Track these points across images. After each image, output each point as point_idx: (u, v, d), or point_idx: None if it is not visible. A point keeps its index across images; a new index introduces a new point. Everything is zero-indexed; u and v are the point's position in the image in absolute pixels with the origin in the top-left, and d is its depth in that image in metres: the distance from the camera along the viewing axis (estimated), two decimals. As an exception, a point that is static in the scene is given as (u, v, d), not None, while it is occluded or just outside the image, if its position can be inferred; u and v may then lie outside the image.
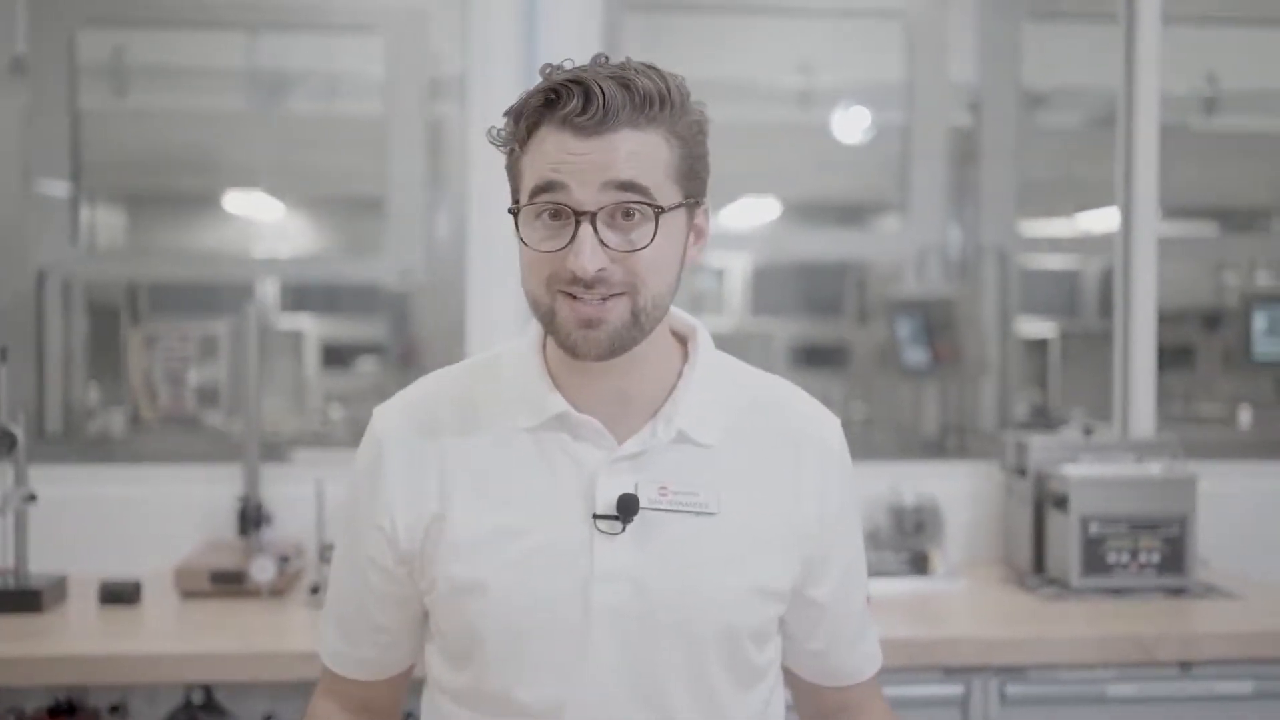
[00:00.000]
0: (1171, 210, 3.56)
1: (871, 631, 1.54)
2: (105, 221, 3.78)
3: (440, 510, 1.37)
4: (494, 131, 1.33)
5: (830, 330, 4.19)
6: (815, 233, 4.14)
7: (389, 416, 1.43)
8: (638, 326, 1.30)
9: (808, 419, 1.46)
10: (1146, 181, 3.08)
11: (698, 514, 1.35)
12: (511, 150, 1.32)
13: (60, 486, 2.74)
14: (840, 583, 1.45)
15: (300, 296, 4.09)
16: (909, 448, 3.77)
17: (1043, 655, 2.42)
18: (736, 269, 4.27)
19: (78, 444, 3.44)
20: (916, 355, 3.66)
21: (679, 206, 1.30)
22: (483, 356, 1.49)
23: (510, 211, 1.32)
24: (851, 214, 4.27)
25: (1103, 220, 3.23)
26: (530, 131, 1.29)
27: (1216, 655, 2.41)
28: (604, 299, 1.27)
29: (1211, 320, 3.93)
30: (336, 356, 4.13)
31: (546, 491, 1.36)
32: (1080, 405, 3.19)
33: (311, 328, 4.08)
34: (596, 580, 1.33)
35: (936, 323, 3.66)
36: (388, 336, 3.80)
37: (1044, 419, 3.93)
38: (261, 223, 3.84)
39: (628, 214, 1.27)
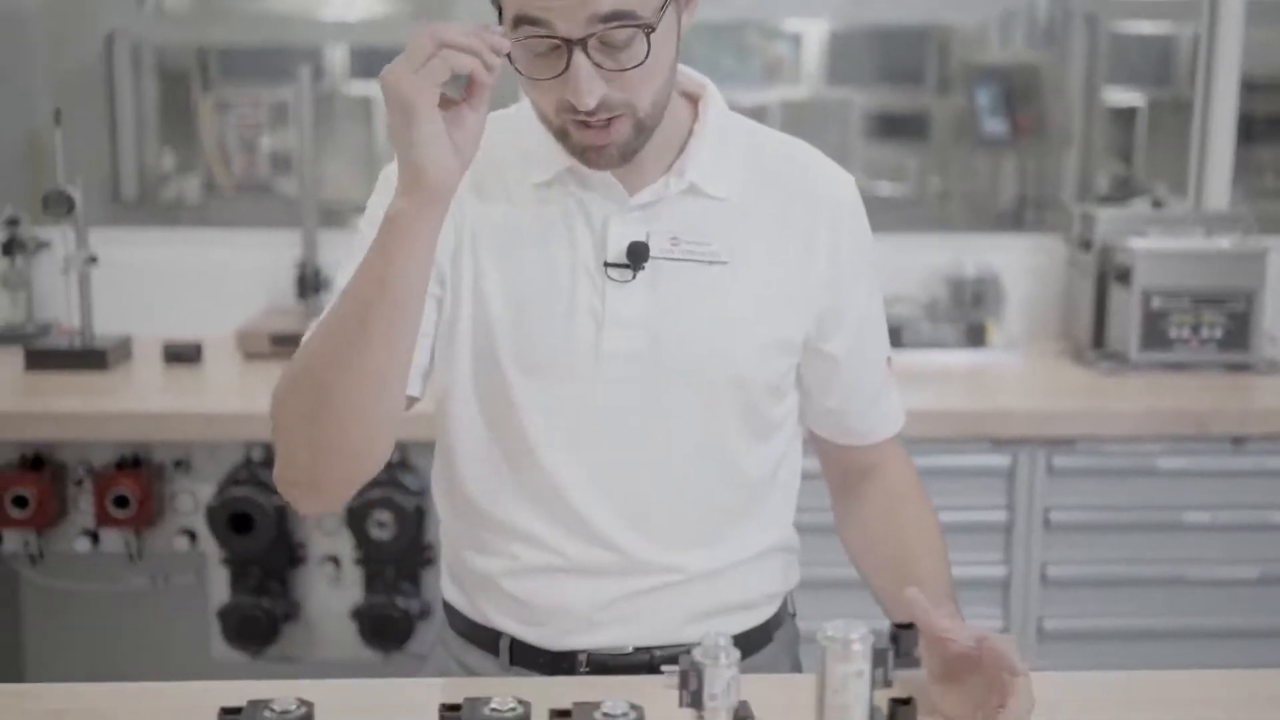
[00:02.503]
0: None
1: (893, 392, 1.53)
2: (172, -17, 3.75)
3: (454, 251, 1.37)
4: None
5: (909, 99, 4.05)
6: (896, -5, 3.98)
7: None
8: (644, 133, 1.29)
9: (822, 176, 1.44)
10: (1237, -65, 2.91)
11: (710, 264, 1.36)
12: None
13: (126, 249, 2.80)
14: (855, 338, 1.44)
15: (370, 62, 4.04)
16: (983, 221, 3.69)
17: (1093, 427, 2.41)
18: (813, 34, 4.13)
19: (153, 209, 3.48)
20: (996, 125, 3.55)
21: (663, 9, 1.24)
22: (507, 110, 1.46)
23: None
24: (935, -25, 4.08)
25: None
26: None
27: (1271, 430, 2.38)
28: (607, 121, 1.25)
29: (1311, 89, 3.74)
30: (407, 124, 4.09)
31: (558, 241, 1.36)
32: (1165, 178, 3.08)
33: (381, 94, 4.05)
34: (608, 327, 1.34)
35: (1018, 91, 3.53)
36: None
37: (1126, 192, 3.81)
38: (330, -14, 3.78)
39: (618, 31, 1.22)
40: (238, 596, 2.43)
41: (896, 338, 2.72)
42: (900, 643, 0.99)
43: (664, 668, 1.09)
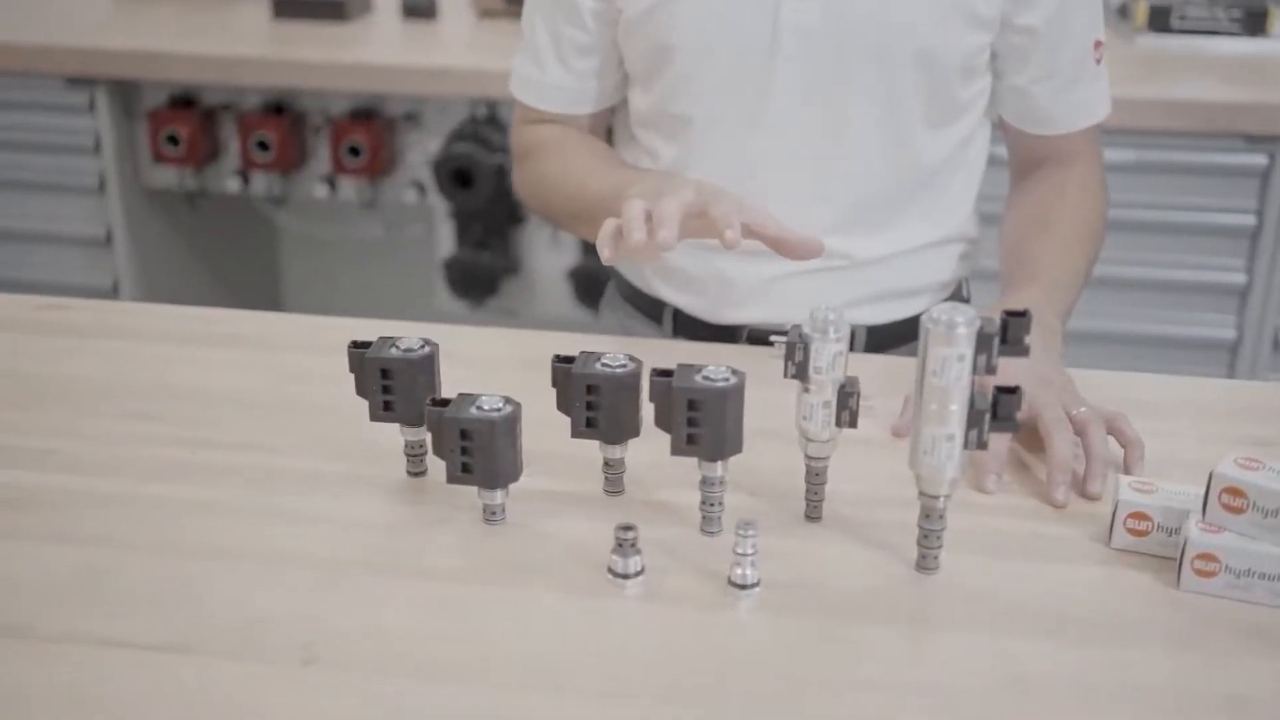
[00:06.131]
0: None
1: (1097, 81, 1.41)
2: None
3: None
4: None
5: None
6: None
7: None
8: None
9: None
10: None
11: None
12: None
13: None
14: (1058, 9, 1.33)
15: None
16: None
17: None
18: None
19: None
20: None
21: None
22: None
23: None
24: None
25: None
26: None
27: None
28: None
29: None
30: None
31: None
32: None
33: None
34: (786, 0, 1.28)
35: None
36: None
37: None
38: None
39: None
40: (462, 249, 2.51)
41: (1163, 21, 2.51)
42: (1009, 331, 0.93)
43: (773, 338, 1.08)
